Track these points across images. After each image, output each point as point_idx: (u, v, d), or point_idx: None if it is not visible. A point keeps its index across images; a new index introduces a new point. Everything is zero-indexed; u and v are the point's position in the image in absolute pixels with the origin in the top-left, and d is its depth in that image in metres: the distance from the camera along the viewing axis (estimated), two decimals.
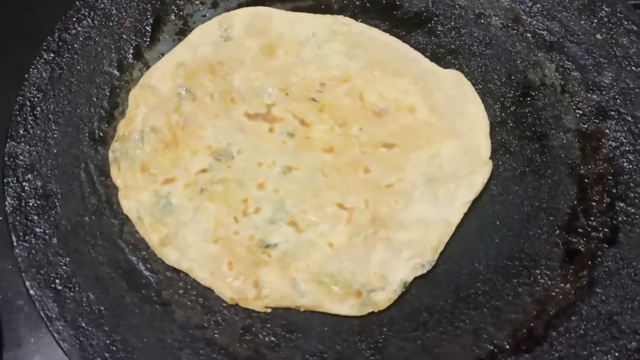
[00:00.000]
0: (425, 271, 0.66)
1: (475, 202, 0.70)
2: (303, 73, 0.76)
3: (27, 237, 0.64)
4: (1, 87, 0.84)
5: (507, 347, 0.62)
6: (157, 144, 0.72)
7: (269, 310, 0.64)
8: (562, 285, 0.65)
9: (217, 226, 0.68)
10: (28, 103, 0.71)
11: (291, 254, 0.67)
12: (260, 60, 0.77)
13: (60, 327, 0.60)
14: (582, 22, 0.78)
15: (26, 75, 0.73)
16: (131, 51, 0.77)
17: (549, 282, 0.65)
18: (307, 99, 0.75)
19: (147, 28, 0.79)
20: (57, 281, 0.63)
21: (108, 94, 0.75)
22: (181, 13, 0.80)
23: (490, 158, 0.72)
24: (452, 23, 0.80)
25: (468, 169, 0.71)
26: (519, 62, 0.77)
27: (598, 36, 0.77)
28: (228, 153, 0.72)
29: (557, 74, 0.76)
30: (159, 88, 0.75)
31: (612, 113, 0.73)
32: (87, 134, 0.72)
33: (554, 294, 0.64)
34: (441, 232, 0.68)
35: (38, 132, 0.71)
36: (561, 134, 0.73)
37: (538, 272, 0.66)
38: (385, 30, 0.79)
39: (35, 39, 0.86)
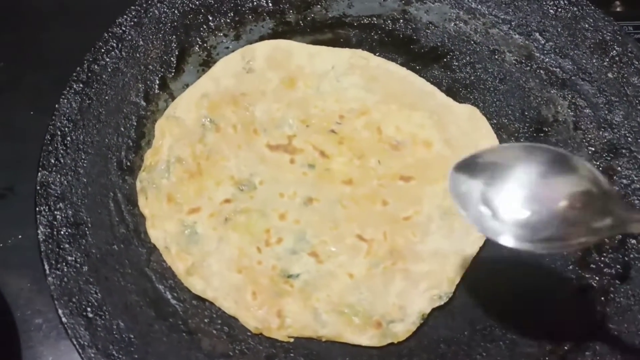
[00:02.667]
0: (442, 302, 0.68)
1: None
2: (322, 105, 0.79)
3: (59, 265, 0.66)
4: (18, 108, 0.87)
5: None
6: (183, 174, 0.74)
7: (292, 339, 0.66)
8: (576, 320, 0.67)
9: (241, 256, 0.70)
10: (59, 132, 0.74)
11: (312, 284, 0.69)
12: (281, 92, 0.79)
13: (92, 355, 0.62)
14: (594, 61, 0.80)
15: (56, 105, 0.75)
16: (157, 82, 0.80)
17: (563, 317, 0.67)
18: (327, 130, 0.77)
19: (172, 59, 0.81)
20: (89, 309, 0.65)
21: (135, 124, 0.77)
22: (205, 45, 0.83)
23: None
24: (467, 58, 0.82)
25: None
26: (532, 98, 0.80)
27: (609, 75, 0.79)
28: (250, 184, 0.74)
29: (569, 110, 0.79)
30: (184, 119, 0.77)
31: (624, 151, 0.75)
32: (115, 164, 0.74)
33: (567, 327, 0.66)
34: (457, 265, 0.70)
35: (68, 161, 0.73)
36: None
37: (552, 306, 0.67)
38: (401, 64, 0.82)
39: (51, 59, 0.89)
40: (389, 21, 0.85)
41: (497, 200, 0.53)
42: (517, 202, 0.53)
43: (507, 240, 0.53)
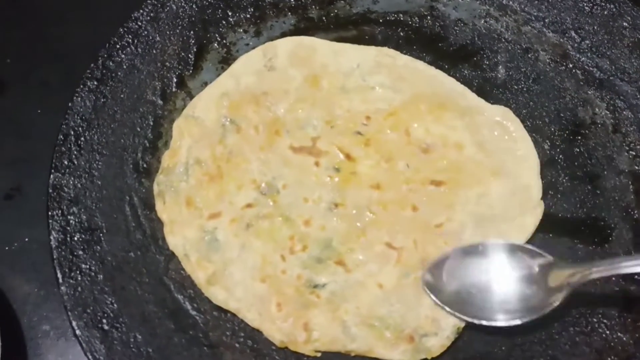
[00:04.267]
0: None
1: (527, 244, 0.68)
2: (348, 105, 0.75)
3: (72, 274, 0.63)
4: (26, 105, 0.84)
5: None
6: (202, 176, 0.70)
7: (319, 354, 0.63)
8: (620, 335, 0.63)
9: (265, 264, 0.66)
10: (72, 132, 0.70)
11: (340, 295, 0.65)
12: (304, 91, 0.76)
13: None
14: (633, 60, 0.77)
15: (70, 104, 0.71)
16: (174, 80, 0.76)
17: (607, 332, 0.63)
18: (353, 132, 0.73)
19: (190, 56, 0.78)
20: (104, 321, 0.61)
21: (152, 123, 0.73)
22: (224, 41, 0.79)
23: (541, 199, 0.70)
24: (499, 57, 0.79)
25: (518, 210, 0.70)
26: (568, 99, 0.76)
27: None
28: (273, 187, 0.70)
29: (607, 112, 0.75)
30: (203, 119, 0.74)
31: None
32: (131, 165, 0.71)
33: (612, 344, 0.63)
34: None
35: (82, 162, 0.69)
36: (614, 175, 0.72)
37: (595, 320, 0.64)
38: (429, 63, 0.78)
39: (59, 55, 0.86)
40: (415, 18, 0.81)
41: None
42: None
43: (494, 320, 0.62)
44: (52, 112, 0.75)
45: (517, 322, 0.61)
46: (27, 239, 0.76)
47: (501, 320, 0.61)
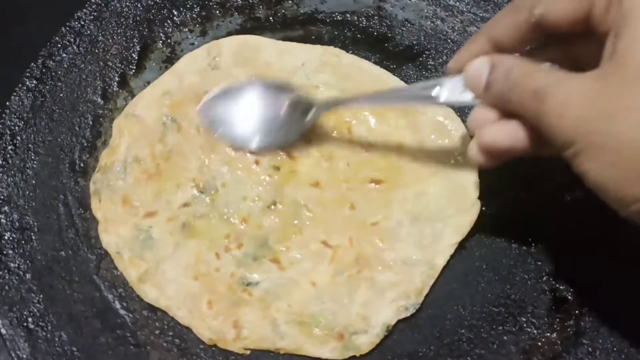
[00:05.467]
0: (409, 314, 0.65)
1: (461, 244, 0.68)
2: None
3: (0, 273, 0.63)
4: None
5: None
6: (140, 175, 0.70)
7: (248, 352, 0.63)
8: (548, 335, 0.63)
9: (198, 262, 0.66)
10: (8, 132, 0.70)
11: (273, 293, 0.65)
12: None
13: None
14: None
15: (7, 103, 0.71)
16: (116, 79, 0.76)
17: (535, 331, 0.64)
18: None
19: (134, 55, 0.77)
20: (30, 320, 0.61)
21: (91, 123, 0.73)
22: (169, 41, 0.79)
23: (479, 198, 0.70)
24: (444, 57, 0.79)
25: (455, 209, 0.70)
26: None
27: None
28: (212, 187, 0.70)
29: None
30: (144, 117, 0.74)
31: None
32: (67, 165, 0.71)
33: (540, 343, 0.63)
34: (426, 274, 0.67)
35: (17, 162, 0.69)
36: (550, 177, 0.71)
37: (524, 319, 0.64)
38: (375, 63, 0.78)
39: (24, 55, 0.84)
40: (362, 18, 0.81)
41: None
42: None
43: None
44: None
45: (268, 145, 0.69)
46: None
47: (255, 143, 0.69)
